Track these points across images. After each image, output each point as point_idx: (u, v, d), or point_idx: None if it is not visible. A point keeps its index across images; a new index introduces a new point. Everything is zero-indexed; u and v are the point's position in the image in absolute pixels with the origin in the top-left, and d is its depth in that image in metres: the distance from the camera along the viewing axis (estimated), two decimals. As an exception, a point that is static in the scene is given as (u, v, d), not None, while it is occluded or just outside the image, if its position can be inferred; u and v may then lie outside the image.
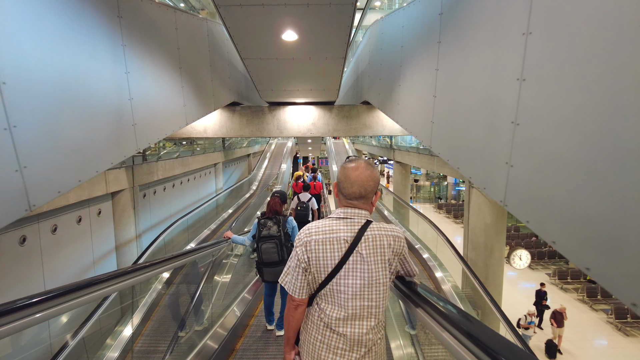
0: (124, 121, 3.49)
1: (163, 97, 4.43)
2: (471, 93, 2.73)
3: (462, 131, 2.85)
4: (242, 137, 8.04)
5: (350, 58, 11.69)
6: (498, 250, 8.69)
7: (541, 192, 1.94)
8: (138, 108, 3.70)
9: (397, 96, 5.07)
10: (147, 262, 2.43)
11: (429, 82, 3.62)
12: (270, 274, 3.60)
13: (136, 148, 3.67)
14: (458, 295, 6.85)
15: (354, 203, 1.51)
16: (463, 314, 1.25)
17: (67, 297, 1.51)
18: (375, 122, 8.03)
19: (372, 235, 1.46)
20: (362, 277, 1.44)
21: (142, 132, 3.76)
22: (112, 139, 3.30)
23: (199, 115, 5.53)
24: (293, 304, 1.55)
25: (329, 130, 8.07)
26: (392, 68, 5.42)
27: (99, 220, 7.83)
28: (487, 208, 8.47)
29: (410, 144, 14.25)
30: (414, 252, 9.20)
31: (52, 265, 6.27)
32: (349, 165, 1.53)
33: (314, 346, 1.52)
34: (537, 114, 1.97)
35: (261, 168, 22.19)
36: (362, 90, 8.29)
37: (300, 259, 1.49)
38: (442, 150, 3.26)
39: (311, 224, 1.54)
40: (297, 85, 6.60)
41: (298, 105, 8.06)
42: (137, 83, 3.74)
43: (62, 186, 2.62)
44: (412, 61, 4.37)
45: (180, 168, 11.87)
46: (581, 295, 14.67)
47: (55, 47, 2.79)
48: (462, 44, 2.87)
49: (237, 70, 8.20)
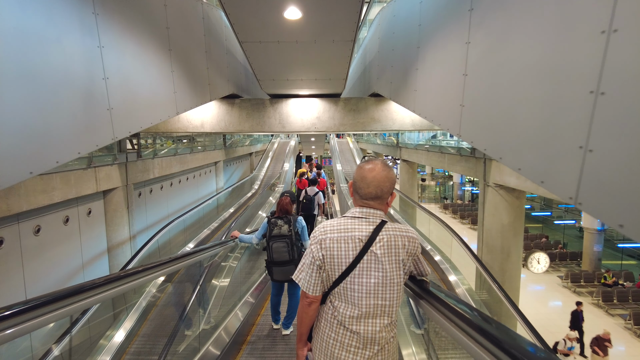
0: (96, 104, 2.94)
1: (148, 81, 3.89)
2: (521, 63, 2.18)
3: (507, 112, 2.30)
4: (242, 132, 7.51)
5: (355, 54, 11.16)
6: (515, 254, 8.12)
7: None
8: (115, 90, 3.16)
9: (413, 82, 4.51)
10: (136, 268, 2.14)
11: (457, 59, 3.07)
12: (280, 273, 3.60)
13: (112, 137, 3.14)
14: (474, 301, 6.32)
15: (370, 203, 1.51)
16: (477, 311, 1.25)
17: (32, 313, 1.31)
18: (385, 116, 7.47)
19: (387, 236, 1.46)
20: (377, 276, 1.45)
21: (121, 118, 3.21)
22: (79, 125, 2.75)
23: (192, 105, 5.00)
24: (307, 300, 1.55)
25: (334, 125, 7.52)
26: (407, 51, 4.87)
27: (89, 220, 7.33)
28: (504, 208, 7.90)
29: (418, 141, 13.68)
30: (425, 255, 8.65)
31: (34, 269, 5.77)
32: (365, 166, 1.53)
33: (327, 344, 1.53)
34: (635, 76, 1.42)
35: (263, 167, 21.67)
36: (370, 82, 7.74)
37: (315, 257, 1.50)
38: (476, 138, 2.71)
39: (326, 222, 1.55)
40: (301, 74, 6.05)
41: (301, 98, 7.51)
42: (115, 60, 3.20)
43: (5, 179, 2.08)
44: (433, 39, 3.82)
45: (178, 166, 11.37)
46: (596, 299, 14.03)
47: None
48: (508, 4, 2.31)
49: (237, 60, 7.67)
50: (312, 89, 6.89)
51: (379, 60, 6.66)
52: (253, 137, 24.73)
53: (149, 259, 7.10)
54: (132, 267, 4.42)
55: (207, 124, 7.50)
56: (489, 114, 2.54)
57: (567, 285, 15.53)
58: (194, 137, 14.69)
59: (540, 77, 1.98)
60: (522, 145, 2.13)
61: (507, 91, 2.32)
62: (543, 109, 1.94)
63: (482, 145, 2.57)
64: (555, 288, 15.94)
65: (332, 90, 7.08)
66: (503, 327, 1.10)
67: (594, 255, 17.02)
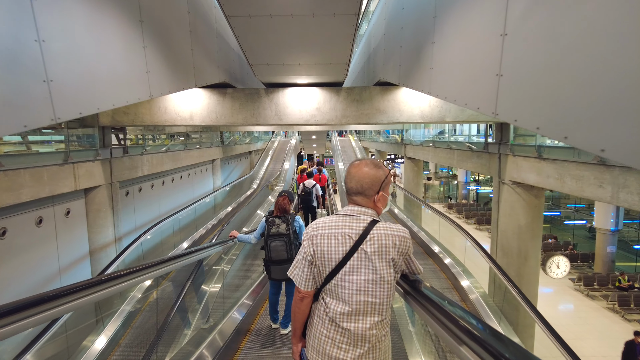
0: (23, 72, 2.28)
1: (111, 54, 3.23)
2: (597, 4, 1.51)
3: (577, 75, 1.63)
4: (235, 124, 6.87)
5: (356, 48, 10.51)
6: (534, 257, 7.44)
7: None
8: (57, 57, 2.51)
9: (428, 59, 3.85)
10: (113, 274, 1.90)
11: (491, 17, 2.41)
12: (278, 272, 3.63)
13: (53, 117, 2.47)
14: (489, 306, 5.71)
15: (355, 199, 1.57)
16: (461, 309, 1.30)
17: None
18: (391, 107, 6.79)
19: (377, 234, 1.48)
20: (367, 273, 1.47)
21: (66, 94, 2.56)
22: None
23: (171, 89, 4.34)
24: (299, 295, 1.59)
25: (336, 117, 6.86)
26: (420, 25, 4.20)
27: (67, 221, 6.69)
28: (521, 208, 7.22)
29: (425, 137, 13.00)
30: (434, 258, 7.99)
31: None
32: (353, 163, 1.61)
33: (319, 340, 1.55)
34: None
35: (263, 165, 21.03)
36: (375, 70, 7.08)
37: (307, 252, 1.55)
38: (523, 114, 2.05)
39: (319, 220, 1.59)
40: (298, 58, 5.39)
41: (300, 87, 6.84)
42: (55, 20, 2.53)
43: None
44: (456, 2, 3.15)
45: (170, 163, 10.73)
46: (611, 303, 13.32)
47: None
48: None
49: (229, 46, 7.03)
50: (311, 75, 6.23)
51: (386, 44, 5.99)
52: (253, 135, 24.14)
53: (138, 262, 6.50)
54: (108, 273, 4.27)
55: (196, 116, 6.86)
56: (545, 81, 1.87)
57: (580, 289, 14.81)
58: (189, 134, 14.07)
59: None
60: (606, 118, 1.47)
61: (575, 48, 1.65)
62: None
63: (535, 123, 1.92)
64: (566, 291, 15.22)
65: (333, 77, 6.43)
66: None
67: (607, 257, 16.28)
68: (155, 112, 6.91)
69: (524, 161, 6.69)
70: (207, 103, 6.83)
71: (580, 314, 13.39)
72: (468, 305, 6.09)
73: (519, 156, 6.84)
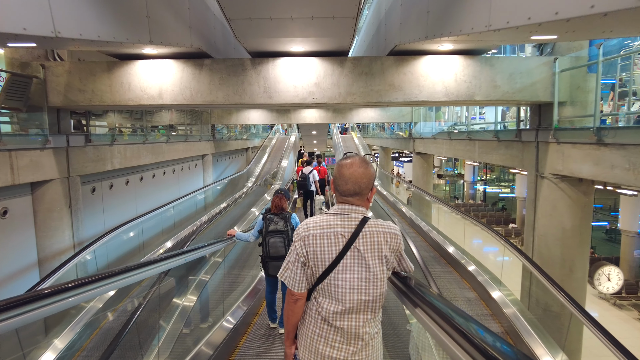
0: None
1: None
2: None
3: None
4: (214, 104, 5.55)
5: (363, 15, 9.19)
6: (581, 268, 6.10)
7: None
8: None
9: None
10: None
11: None
12: (275, 268, 3.67)
13: None
14: (528, 320, 4.67)
15: (349, 200, 1.54)
16: (454, 309, 1.33)
17: None
18: (408, 81, 5.43)
19: (369, 232, 1.49)
20: (360, 271, 1.47)
21: None
22: None
23: (100, 33, 3.01)
24: (292, 298, 1.57)
25: (339, 94, 5.50)
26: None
27: (4, 223, 5.37)
28: (566, 207, 5.86)
29: (439, 130, 11.64)
30: (459, 269, 6.68)
31: None
32: (343, 162, 1.55)
33: (311, 340, 1.54)
34: None
35: (259, 162, 19.70)
36: (388, 36, 5.74)
37: (299, 253, 1.53)
38: None
39: (309, 219, 1.56)
40: (290, 9, 4.05)
41: (295, 57, 5.48)
42: None
43: None
44: None
45: (150, 157, 9.38)
46: (642, 314, 11.97)
47: None
48: None
49: (209, 9, 5.70)
50: (308, 38, 4.89)
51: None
52: (250, 131, 22.84)
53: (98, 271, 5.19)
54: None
55: (166, 93, 5.51)
56: None
57: (605, 297, 13.40)
58: (175, 125, 12.76)
59: None
60: None
61: None
62: None
63: None
64: (590, 299, 13.80)
65: (336, 42, 5.08)
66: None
67: (635, 262, 14.87)
68: (117, 90, 5.57)
69: (573, 149, 5.34)
70: (179, 77, 5.49)
71: (608, 325, 12.06)
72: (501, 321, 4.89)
73: (566, 143, 5.48)
